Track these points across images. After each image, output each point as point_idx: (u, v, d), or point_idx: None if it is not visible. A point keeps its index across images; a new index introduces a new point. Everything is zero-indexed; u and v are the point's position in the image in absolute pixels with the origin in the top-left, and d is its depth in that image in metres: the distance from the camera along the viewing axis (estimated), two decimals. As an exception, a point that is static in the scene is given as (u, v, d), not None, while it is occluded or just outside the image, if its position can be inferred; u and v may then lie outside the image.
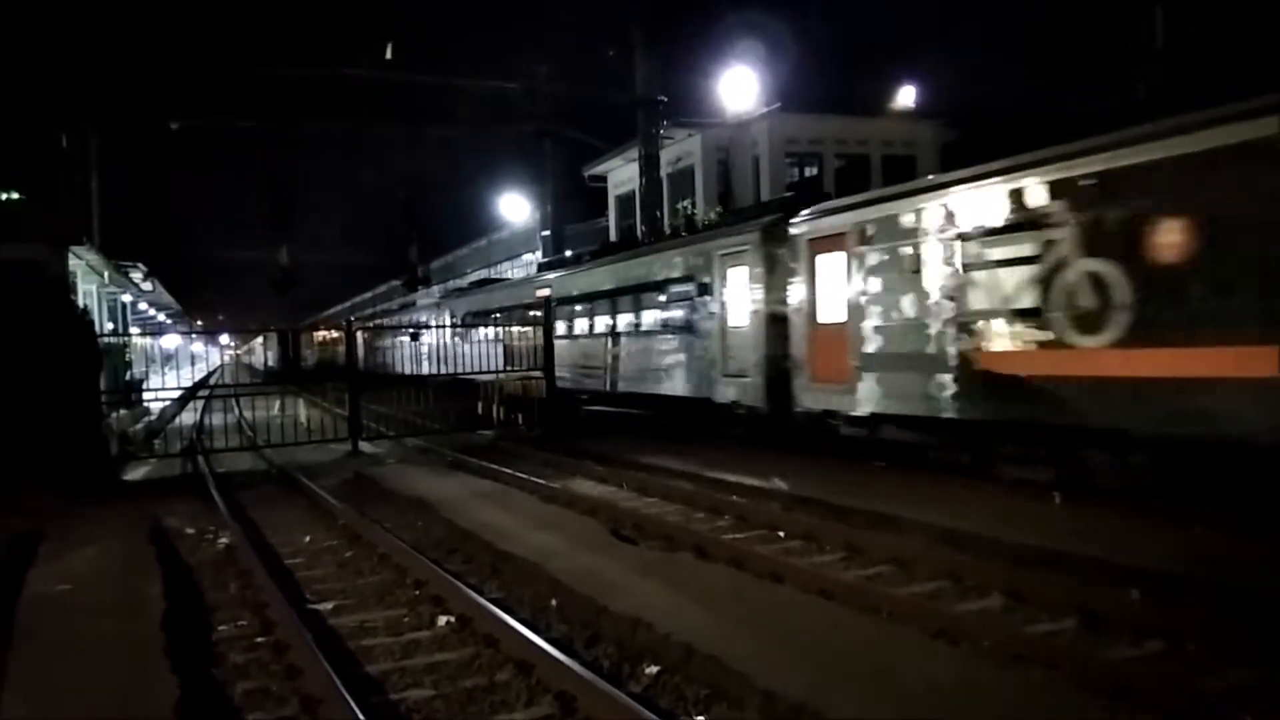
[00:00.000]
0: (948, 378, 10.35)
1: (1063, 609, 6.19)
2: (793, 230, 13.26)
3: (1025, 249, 9.43)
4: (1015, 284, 9.56)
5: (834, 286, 12.31)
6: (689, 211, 26.47)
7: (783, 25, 29.02)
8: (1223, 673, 5.05)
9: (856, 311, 11.80)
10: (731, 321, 14.61)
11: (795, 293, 13.13)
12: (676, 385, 16.13)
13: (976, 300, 10.03)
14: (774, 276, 13.63)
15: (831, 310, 12.40)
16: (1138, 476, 8.49)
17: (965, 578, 7.02)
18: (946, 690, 4.71)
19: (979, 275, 10.01)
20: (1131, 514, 8.11)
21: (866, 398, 11.60)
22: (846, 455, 12.20)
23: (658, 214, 25.20)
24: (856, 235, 11.80)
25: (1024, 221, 9.40)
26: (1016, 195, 9.49)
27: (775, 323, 13.55)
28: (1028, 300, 9.42)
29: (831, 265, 12.36)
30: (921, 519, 8.49)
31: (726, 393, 14.64)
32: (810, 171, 26.80)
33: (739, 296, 14.44)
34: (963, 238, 10.17)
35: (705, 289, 15.27)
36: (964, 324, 10.16)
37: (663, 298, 16.70)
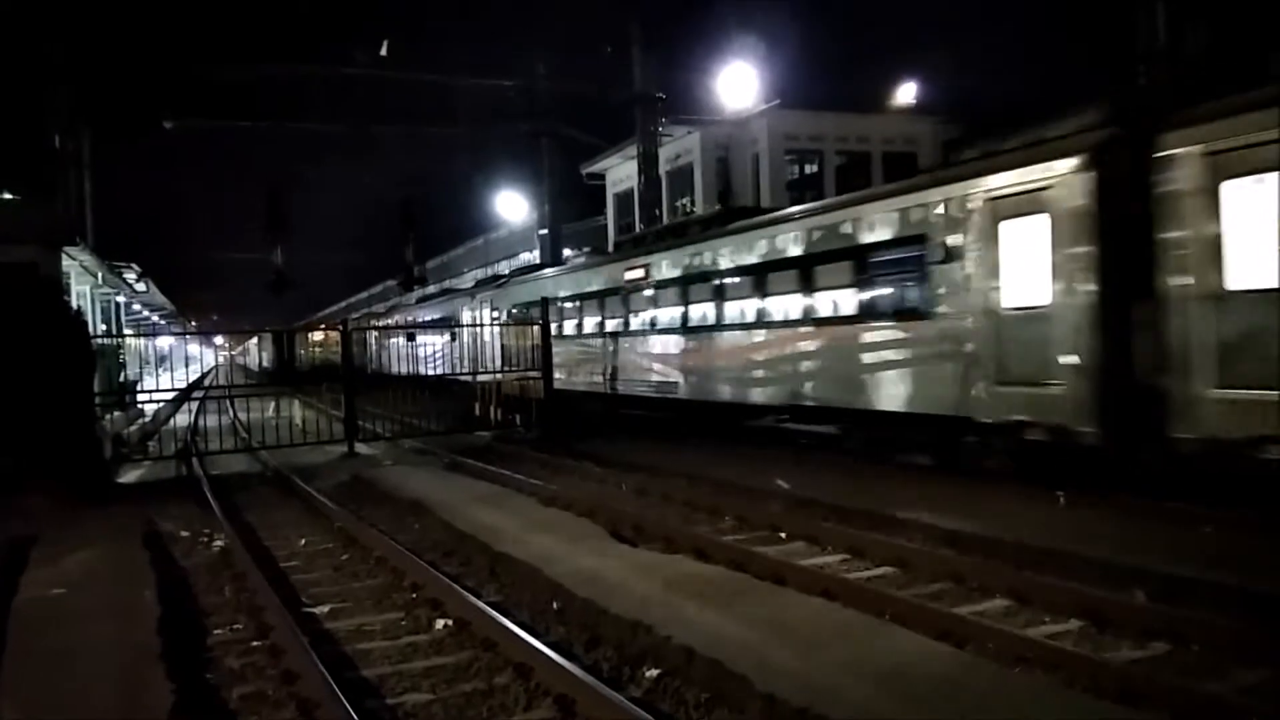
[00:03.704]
0: None
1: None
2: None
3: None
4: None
5: None
6: (688, 209, 26.37)
7: (782, 21, 28.92)
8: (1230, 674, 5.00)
9: None
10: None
11: None
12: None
13: None
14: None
15: None
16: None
17: (969, 579, 6.96)
18: (952, 691, 4.64)
19: None
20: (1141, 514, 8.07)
21: None
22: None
23: (656, 212, 25.12)
24: None
25: None
26: None
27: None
28: None
29: None
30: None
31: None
32: (810, 169, 26.70)
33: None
34: None
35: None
36: None
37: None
